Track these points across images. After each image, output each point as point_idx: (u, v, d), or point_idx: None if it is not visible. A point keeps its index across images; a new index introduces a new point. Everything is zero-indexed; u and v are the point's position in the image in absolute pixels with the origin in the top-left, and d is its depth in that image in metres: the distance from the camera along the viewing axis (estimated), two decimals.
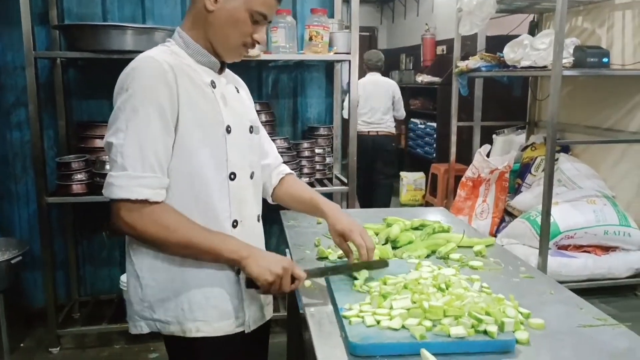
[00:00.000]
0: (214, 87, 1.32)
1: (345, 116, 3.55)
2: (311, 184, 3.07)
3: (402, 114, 5.26)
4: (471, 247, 1.67)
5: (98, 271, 3.27)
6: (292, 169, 2.86)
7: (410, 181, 6.15)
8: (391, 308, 1.15)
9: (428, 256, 1.60)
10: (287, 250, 1.83)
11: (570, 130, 4.20)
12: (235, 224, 1.33)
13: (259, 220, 1.45)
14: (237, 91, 1.44)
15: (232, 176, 1.31)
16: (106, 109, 3.07)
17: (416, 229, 1.79)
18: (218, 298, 1.30)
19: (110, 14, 3.00)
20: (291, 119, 3.32)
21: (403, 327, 1.10)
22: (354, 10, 2.83)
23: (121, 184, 1.18)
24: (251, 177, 1.40)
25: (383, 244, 1.67)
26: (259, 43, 1.33)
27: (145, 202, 1.19)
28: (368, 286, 1.30)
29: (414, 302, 1.17)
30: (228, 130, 1.30)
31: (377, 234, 1.75)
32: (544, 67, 3.53)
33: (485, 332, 1.07)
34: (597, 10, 3.91)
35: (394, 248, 1.65)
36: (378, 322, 1.11)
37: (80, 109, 3.08)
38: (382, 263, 1.41)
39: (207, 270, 1.28)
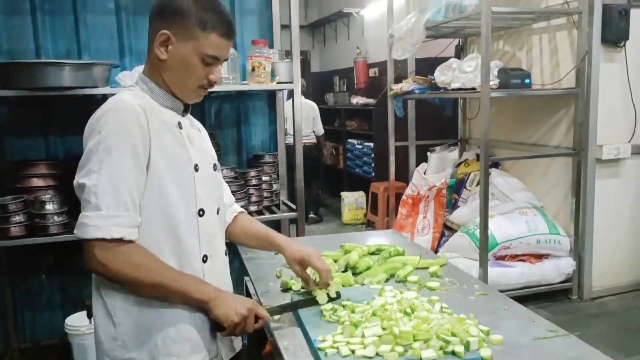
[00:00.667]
0: (181, 127, 1.35)
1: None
2: (259, 212, 3.09)
3: (320, 129, 6.35)
4: (426, 267, 1.75)
5: (38, 316, 3.10)
6: (240, 198, 2.94)
7: (352, 201, 6.27)
8: (363, 336, 1.20)
9: (387, 280, 1.66)
10: (246, 278, 1.85)
11: (498, 147, 4.46)
12: (205, 258, 1.36)
13: (226, 254, 1.49)
14: (200, 131, 1.47)
15: (201, 212, 1.34)
16: (41, 146, 2.95)
17: (373, 253, 1.86)
18: (192, 332, 1.32)
19: (44, 49, 2.90)
20: (236, 148, 3.33)
21: (377, 354, 1.15)
22: (294, 39, 2.92)
23: (96, 224, 1.19)
24: (217, 212, 1.43)
25: (343, 271, 1.72)
26: (215, 83, 1.36)
27: (120, 240, 1.21)
28: (337, 315, 1.34)
29: (384, 328, 1.23)
30: (196, 168, 1.34)
31: (336, 261, 1.80)
32: (473, 89, 3.76)
33: (453, 353, 1.14)
34: (517, 34, 4.21)
35: (353, 274, 1.70)
36: (353, 351, 1.16)
37: (11, 148, 2.93)
38: (336, 294, 1.47)
39: (181, 307, 1.30)
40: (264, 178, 3.18)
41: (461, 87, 3.84)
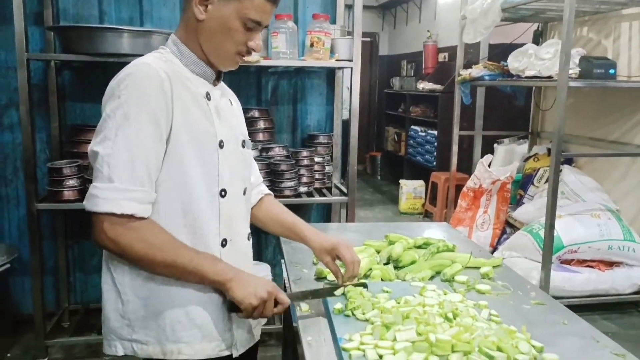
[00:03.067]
0: (209, 99, 1.25)
1: None
2: (309, 194, 2.99)
3: None
4: (477, 267, 1.59)
5: (89, 278, 3.18)
6: (290, 178, 2.85)
7: (410, 189, 6.07)
8: (394, 340, 1.07)
9: (432, 277, 1.52)
10: (282, 260, 1.75)
11: (573, 142, 4.13)
12: (224, 242, 1.26)
13: (248, 239, 1.38)
14: (231, 103, 1.37)
15: (223, 193, 1.24)
16: (100, 112, 2.98)
17: (419, 247, 1.71)
18: (203, 318, 1.23)
19: (107, 16, 2.91)
20: (290, 126, 3.24)
21: None
22: (356, 16, 2.75)
23: (106, 197, 1.10)
24: (244, 193, 1.33)
25: (385, 264, 1.59)
26: (255, 51, 1.25)
27: (131, 217, 1.11)
28: (364, 314, 1.22)
29: (419, 333, 1.09)
30: (221, 145, 1.24)
31: (378, 252, 1.67)
32: (549, 77, 3.47)
33: None
34: (604, 20, 3.84)
35: (396, 268, 1.57)
36: (380, 356, 1.03)
37: (74, 111, 2.99)
38: (361, 285, 1.38)
39: (193, 289, 1.21)
40: (317, 159, 3.06)
41: (536, 75, 3.56)
